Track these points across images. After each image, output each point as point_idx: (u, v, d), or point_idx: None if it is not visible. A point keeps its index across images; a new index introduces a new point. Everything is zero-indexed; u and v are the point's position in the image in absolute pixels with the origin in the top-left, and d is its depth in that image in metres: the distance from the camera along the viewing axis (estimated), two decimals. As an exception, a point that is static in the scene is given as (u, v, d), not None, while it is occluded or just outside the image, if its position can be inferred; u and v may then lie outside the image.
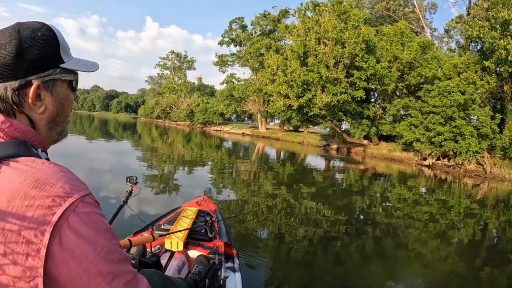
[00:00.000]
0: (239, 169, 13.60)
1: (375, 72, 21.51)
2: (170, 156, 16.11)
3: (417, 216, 7.89)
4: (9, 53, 0.70)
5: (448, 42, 27.59)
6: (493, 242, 7.08)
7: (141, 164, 12.22)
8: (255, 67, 41.13)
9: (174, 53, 65.94)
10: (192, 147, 22.58)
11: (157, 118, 73.46)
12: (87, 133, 26.11)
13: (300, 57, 23.00)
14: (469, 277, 4.78)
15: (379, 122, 25.06)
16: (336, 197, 9.78)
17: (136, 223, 3.08)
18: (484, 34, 19.67)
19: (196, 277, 1.97)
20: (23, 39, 0.71)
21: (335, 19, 21.97)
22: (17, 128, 0.72)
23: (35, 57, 0.72)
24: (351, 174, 15.41)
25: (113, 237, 0.68)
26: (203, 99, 56.31)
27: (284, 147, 29.18)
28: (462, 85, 20.59)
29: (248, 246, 4.76)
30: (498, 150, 20.15)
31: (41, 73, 0.74)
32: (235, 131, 47.30)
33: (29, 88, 0.73)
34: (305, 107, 23.82)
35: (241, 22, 44.47)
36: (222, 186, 9.45)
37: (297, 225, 6.13)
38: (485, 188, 15.31)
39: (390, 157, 24.45)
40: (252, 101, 40.34)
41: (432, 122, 21.31)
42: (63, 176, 0.66)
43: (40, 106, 0.75)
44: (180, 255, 2.47)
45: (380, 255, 5.23)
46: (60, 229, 0.61)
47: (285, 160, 20.15)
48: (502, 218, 9.11)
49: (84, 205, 0.65)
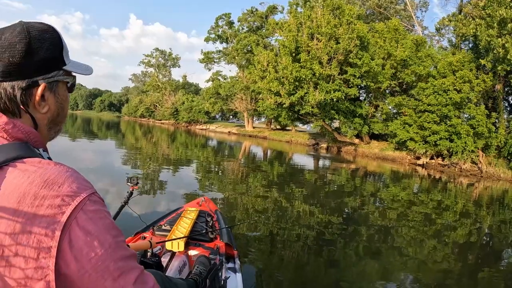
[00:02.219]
0: (227, 169, 13.11)
1: (369, 70, 20.44)
2: (154, 155, 15.44)
3: (412, 217, 7.70)
4: (19, 53, 0.69)
5: (439, 41, 26.86)
6: (489, 241, 6.90)
7: (124, 164, 11.76)
8: (242, 64, 39.53)
9: (159, 50, 63.34)
10: (177, 146, 21.59)
11: (141, 116, 71.30)
12: (70, 132, 24.78)
13: (291, 53, 21.70)
14: (464, 277, 4.72)
15: (371, 120, 24.10)
16: (329, 197, 9.50)
17: (137, 224, 2.97)
18: (481, 32, 18.97)
19: (197, 278, 1.90)
20: (32, 40, 0.71)
21: (328, 14, 20.76)
22: (20, 129, 0.71)
23: (42, 58, 0.72)
24: (343, 174, 14.86)
25: (119, 234, 0.69)
26: (188, 97, 54.35)
27: (272, 146, 28.09)
28: (457, 84, 19.89)
29: (247, 247, 4.68)
30: (492, 149, 19.58)
31: (47, 74, 0.74)
32: (221, 129, 45.69)
33: (35, 89, 0.72)
34: (297, 105, 22.53)
35: (227, 19, 42.53)
36: (211, 187, 9.16)
37: (292, 225, 6.05)
38: (480, 188, 15.22)
39: (382, 156, 23.79)
40: (239, 99, 38.71)
41: (427, 121, 20.51)
42: (69, 175, 0.67)
43: (44, 106, 0.75)
44: (181, 256, 2.42)
45: (375, 256, 5.12)
46: (70, 228, 0.62)
47: (275, 159, 19.23)
48: (499, 217, 9.00)
49: (91, 203, 0.66)
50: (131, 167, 11.43)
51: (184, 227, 2.73)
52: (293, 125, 37.71)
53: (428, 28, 45.58)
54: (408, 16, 27.82)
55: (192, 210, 3.20)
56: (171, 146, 21.11)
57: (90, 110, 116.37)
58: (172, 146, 21.12)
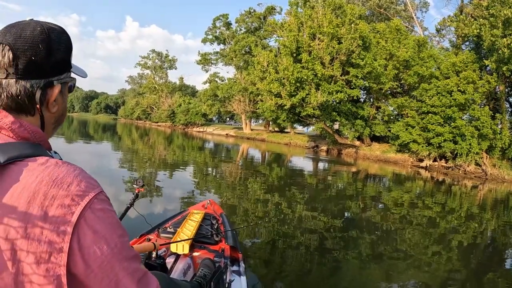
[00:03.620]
0: (227, 172, 12.61)
1: (372, 70, 19.81)
2: (152, 158, 14.86)
3: (416, 220, 7.48)
4: (41, 52, 0.69)
5: (440, 42, 26.33)
6: (493, 245, 6.70)
7: (121, 167, 11.32)
8: (240, 65, 38.76)
9: (155, 52, 62.17)
10: (175, 149, 20.81)
11: (137, 119, 70.14)
12: (67, 134, 23.91)
13: (292, 54, 21.00)
14: (468, 282, 4.65)
15: (372, 122, 23.46)
16: (331, 200, 9.26)
17: (142, 226, 2.89)
18: (485, 32, 18.44)
19: (202, 280, 1.84)
20: (52, 41, 0.71)
21: (330, 13, 20.09)
22: (26, 129, 0.70)
23: (59, 59, 0.73)
24: (345, 177, 14.43)
25: (124, 234, 0.68)
26: (185, 99, 53.35)
27: (271, 149, 27.30)
28: (461, 85, 19.34)
29: (251, 250, 4.64)
30: (497, 150, 19.04)
31: (60, 76, 0.75)
32: (218, 132, 44.64)
33: (50, 89, 0.72)
34: (298, 107, 21.82)
35: (225, 20, 41.62)
36: (212, 191, 8.85)
37: (294, 229, 5.91)
38: (485, 190, 14.77)
39: (383, 159, 23.17)
40: (237, 101, 37.90)
41: (431, 123, 19.93)
42: (77, 174, 0.66)
43: (55, 106, 0.76)
44: (186, 258, 2.39)
45: (378, 260, 4.96)
46: (79, 227, 0.61)
47: (274, 162, 18.50)
48: (504, 219, 8.80)
49: (99, 202, 0.65)
50: (128, 169, 10.98)
51: (189, 230, 2.69)
52: (292, 127, 36.97)
53: (428, 29, 45.23)
54: (408, 17, 27.29)
55: (198, 213, 3.15)
56: (168, 149, 20.35)
57: (87, 112, 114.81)
58: (170, 149, 20.36)
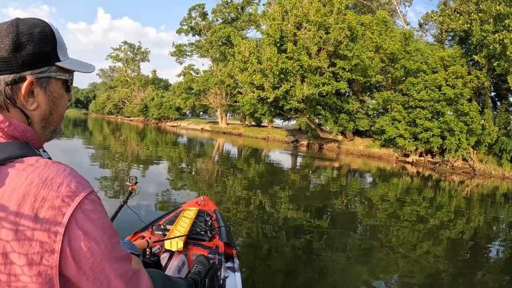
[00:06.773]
0: (203, 169, 11.75)
1: (359, 62, 18.28)
2: (123, 154, 13.51)
3: (403, 216, 7.26)
4: (6, 47, 0.66)
5: (422, 36, 25.31)
6: (481, 240, 6.48)
7: (91, 163, 10.45)
8: (216, 57, 36.31)
9: (127, 43, 57.91)
10: (148, 144, 18.62)
11: (109, 113, 65.64)
12: None
13: (276, 43, 19.10)
14: (456, 277, 4.46)
15: (355, 116, 22.07)
16: (316, 197, 8.84)
17: (136, 223, 2.74)
18: (475, 27, 17.40)
19: (196, 277, 1.73)
20: (20, 34, 0.67)
21: (317, 2, 18.30)
22: (16, 128, 0.68)
23: (30, 52, 0.68)
24: (329, 173, 13.55)
25: (114, 235, 0.67)
26: (158, 92, 50.18)
27: (248, 144, 25.39)
28: (450, 79, 18.27)
29: (245, 246, 4.44)
30: (483, 146, 18.18)
31: (36, 70, 0.70)
32: (193, 126, 41.95)
33: (22, 83, 0.69)
34: (281, 100, 19.98)
35: (201, 10, 38.68)
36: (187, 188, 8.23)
37: (284, 226, 5.61)
38: (473, 185, 14.09)
39: (367, 154, 21.86)
40: (214, 94, 35.54)
41: (419, 117, 18.76)
42: (67, 174, 0.64)
43: (33, 102, 0.71)
44: (180, 255, 2.28)
45: (366, 257, 4.67)
46: (69, 228, 0.60)
47: (253, 158, 16.87)
48: (491, 215, 8.60)
49: (89, 202, 0.63)
50: (99, 167, 9.94)
51: (183, 227, 2.51)
52: (270, 121, 35.20)
53: (410, 24, 44.44)
54: (391, 11, 26.09)
55: (191, 210, 2.93)
56: (141, 145, 18.00)
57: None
58: (142, 145, 18.03)
